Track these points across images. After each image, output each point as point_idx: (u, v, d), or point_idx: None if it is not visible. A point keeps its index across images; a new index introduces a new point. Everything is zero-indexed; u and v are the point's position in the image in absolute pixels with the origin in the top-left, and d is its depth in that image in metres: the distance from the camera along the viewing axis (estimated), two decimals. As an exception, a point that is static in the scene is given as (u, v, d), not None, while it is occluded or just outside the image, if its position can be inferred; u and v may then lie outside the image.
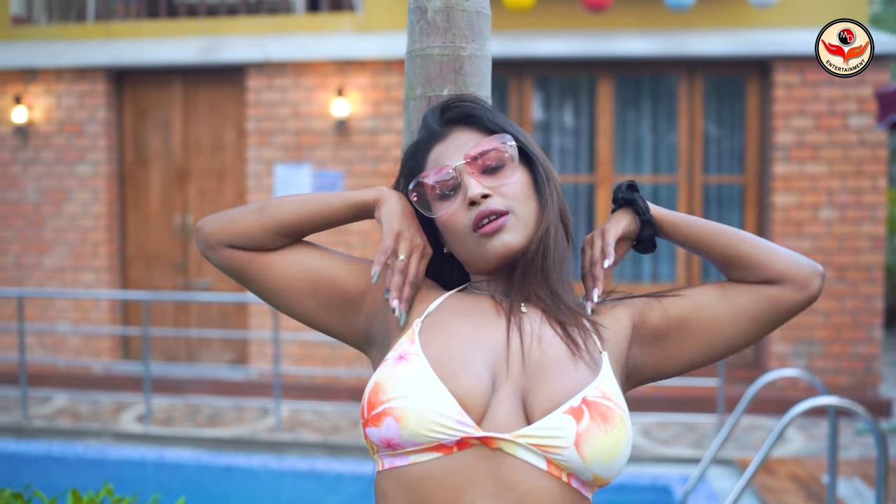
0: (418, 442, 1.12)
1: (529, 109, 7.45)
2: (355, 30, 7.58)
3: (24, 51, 7.99)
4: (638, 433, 6.34)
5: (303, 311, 1.34)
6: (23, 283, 7.95)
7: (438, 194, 1.26)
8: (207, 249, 1.35)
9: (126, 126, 8.08)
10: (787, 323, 5.64)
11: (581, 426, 1.11)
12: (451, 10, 1.33)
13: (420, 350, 1.18)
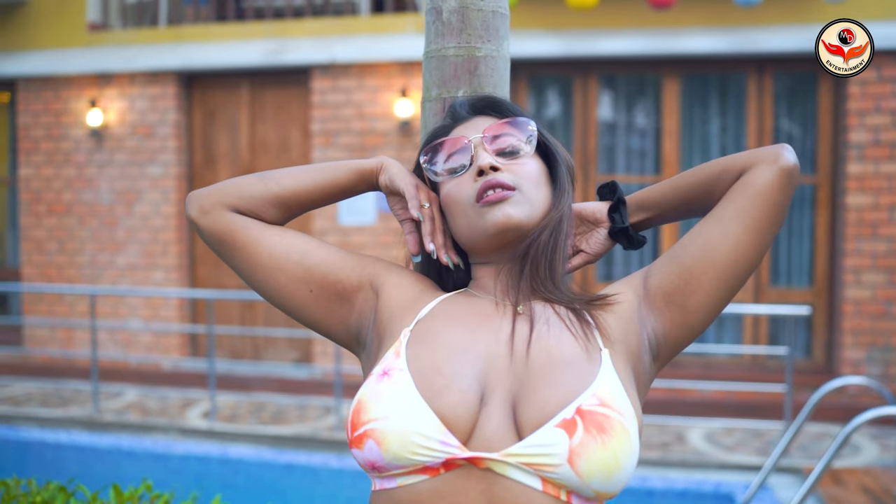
0: (401, 465, 1.06)
1: (594, 109, 7.36)
2: (419, 30, 7.60)
3: (99, 56, 8.22)
4: (702, 439, 6.20)
5: (293, 299, 1.27)
6: (97, 281, 8.19)
7: (448, 169, 1.23)
8: (202, 213, 1.27)
9: (195, 128, 8.25)
10: (858, 325, 5.43)
11: (574, 440, 1.02)
12: (465, 10, 1.31)
13: (405, 365, 1.12)
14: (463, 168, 1.22)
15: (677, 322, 1.20)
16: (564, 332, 1.16)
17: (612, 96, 7.51)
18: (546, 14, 7.24)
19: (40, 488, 2.07)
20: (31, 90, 8.39)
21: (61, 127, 8.33)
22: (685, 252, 1.22)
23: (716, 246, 1.20)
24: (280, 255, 1.26)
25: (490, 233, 1.19)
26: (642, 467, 5.74)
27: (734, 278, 1.20)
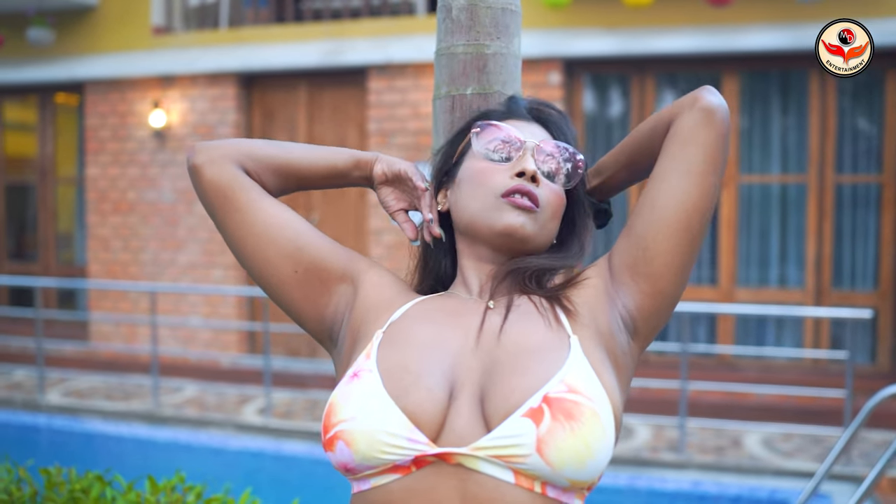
0: (372, 465, 1.06)
1: (652, 108, 7.27)
2: (474, 30, 7.60)
3: (162, 59, 8.42)
4: (758, 444, 6.08)
5: (276, 274, 1.25)
6: (159, 278, 8.38)
7: (489, 150, 1.23)
8: (209, 162, 1.26)
9: (254, 128, 8.38)
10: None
11: (542, 429, 1.00)
12: (475, 8, 1.31)
13: (374, 366, 1.12)
14: (503, 160, 1.22)
15: (647, 292, 1.18)
16: (534, 322, 1.15)
17: (669, 95, 7.40)
18: (602, 12, 7.17)
19: (80, 477, 2.13)
20: (98, 93, 8.63)
21: (126, 128, 8.55)
22: (637, 220, 1.21)
23: (662, 203, 1.18)
24: (275, 227, 1.25)
25: (496, 229, 1.19)
26: (695, 472, 5.65)
27: (688, 230, 1.18)
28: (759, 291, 7.18)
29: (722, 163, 1.19)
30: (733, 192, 7.11)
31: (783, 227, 7.18)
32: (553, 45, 7.16)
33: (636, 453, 5.89)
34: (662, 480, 5.56)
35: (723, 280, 7.17)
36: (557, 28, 7.27)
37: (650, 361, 7.30)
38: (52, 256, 9.36)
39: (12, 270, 9.41)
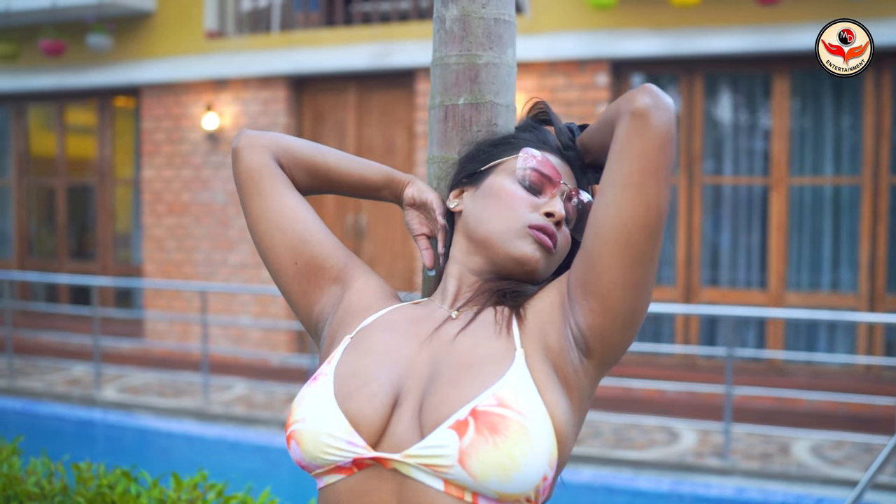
0: (318, 465, 1.11)
1: (700, 108, 7.18)
2: (522, 32, 7.59)
3: (215, 63, 8.58)
4: (807, 451, 5.96)
5: (277, 261, 1.32)
6: (211, 278, 8.55)
7: (521, 177, 1.25)
8: (249, 147, 1.34)
9: (305, 130, 8.49)
10: None
11: (464, 442, 1.03)
12: (467, 18, 1.32)
13: (332, 370, 1.17)
14: (534, 193, 1.24)
15: (597, 310, 1.12)
16: (487, 333, 1.17)
17: (718, 95, 7.30)
18: (649, 13, 7.11)
19: (108, 473, 2.20)
20: (153, 96, 8.84)
21: (180, 131, 8.74)
22: (585, 236, 1.16)
23: (601, 218, 1.11)
24: (287, 216, 1.32)
25: (513, 255, 1.21)
26: (740, 478, 5.57)
27: (630, 245, 1.09)
28: (810, 295, 7.04)
29: (664, 169, 1.09)
30: (784, 195, 6.99)
31: (836, 230, 7.03)
32: (600, 46, 7.12)
33: (680, 458, 5.83)
34: (706, 486, 5.50)
35: (772, 284, 7.05)
36: (604, 29, 7.23)
37: (697, 365, 7.21)
38: (110, 256, 9.61)
39: (73, 269, 9.69)
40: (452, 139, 1.37)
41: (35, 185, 10.18)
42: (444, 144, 1.38)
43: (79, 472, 2.20)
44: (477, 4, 1.32)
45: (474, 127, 1.35)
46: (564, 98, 7.30)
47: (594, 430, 6.50)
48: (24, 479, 2.17)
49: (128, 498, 2.03)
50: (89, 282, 8.00)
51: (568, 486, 5.19)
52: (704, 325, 7.25)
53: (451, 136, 1.36)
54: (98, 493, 2.07)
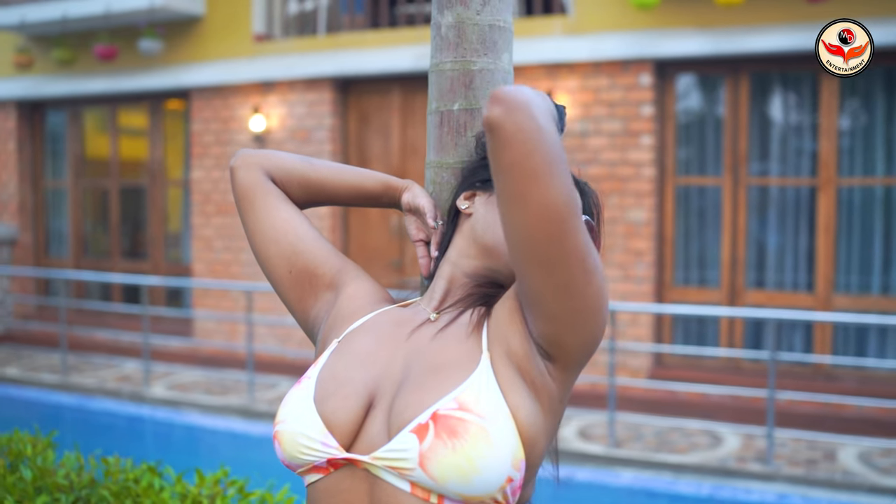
0: (297, 464, 1.15)
1: (746, 109, 7.08)
2: (565, 32, 7.58)
3: (263, 65, 8.71)
4: (854, 458, 5.85)
5: (274, 271, 1.36)
6: (257, 278, 8.67)
7: None
8: (242, 166, 1.39)
9: (350, 132, 8.58)
10: None
11: (424, 445, 1.05)
12: (462, 25, 1.34)
13: (316, 373, 1.20)
14: None
15: (539, 317, 1.10)
16: (458, 336, 1.18)
17: (764, 95, 7.19)
18: (693, 12, 7.04)
19: (135, 468, 2.26)
20: (202, 99, 9.01)
21: (228, 132, 8.89)
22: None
23: (505, 234, 1.09)
24: (280, 228, 1.36)
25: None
26: (783, 484, 5.48)
27: (538, 253, 1.04)
28: (859, 299, 6.89)
29: (544, 168, 1.00)
30: (832, 196, 6.86)
31: (887, 232, 6.87)
32: (643, 46, 7.06)
33: (722, 462, 5.76)
34: (747, 492, 5.43)
35: (820, 286, 6.92)
36: (647, 29, 7.18)
37: (742, 369, 7.12)
38: (161, 255, 9.81)
39: (125, 268, 9.91)
40: (447, 144, 1.38)
41: (90, 186, 10.44)
42: (439, 150, 1.40)
43: (107, 466, 2.27)
44: (471, 11, 1.33)
45: (469, 132, 1.37)
46: (608, 99, 7.26)
47: (635, 432, 6.45)
48: (54, 471, 2.24)
49: (151, 492, 2.08)
50: (140, 281, 8.18)
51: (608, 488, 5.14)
52: (749, 327, 7.15)
53: (447, 141, 1.38)
54: (123, 487, 2.13)
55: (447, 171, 1.38)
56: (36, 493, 2.13)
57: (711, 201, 7.28)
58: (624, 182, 7.22)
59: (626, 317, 7.15)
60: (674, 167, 7.32)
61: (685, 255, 7.39)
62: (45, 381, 8.28)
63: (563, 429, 6.57)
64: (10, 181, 10.53)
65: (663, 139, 7.29)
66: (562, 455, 6.07)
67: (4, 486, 2.15)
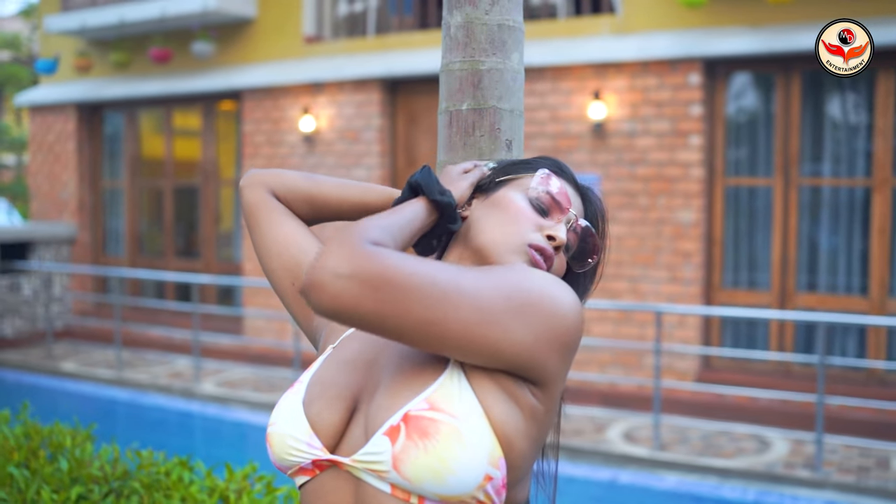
0: (285, 466, 1.17)
1: (797, 108, 6.94)
2: (613, 32, 7.52)
3: (312, 66, 8.81)
4: (907, 465, 5.71)
5: (278, 284, 1.41)
6: (306, 276, 8.77)
7: (532, 197, 1.27)
8: (247, 185, 1.45)
9: (398, 132, 8.63)
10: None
11: (396, 447, 1.06)
12: (470, 25, 1.34)
13: (308, 377, 1.22)
14: (543, 214, 1.27)
15: (477, 362, 1.12)
16: None
17: (816, 94, 7.04)
18: (743, 10, 6.93)
19: (167, 461, 2.31)
20: (253, 100, 9.14)
21: (279, 133, 9.01)
22: None
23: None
24: (282, 243, 1.40)
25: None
26: (832, 491, 5.37)
27: (366, 321, 1.05)
28: (914, 302, 6.72)
29: (400, 289, 1.01)
30: (887, 196, 6.69)
31: (945, 234, 6.69)
32: (692, 45, 6.98)
33: (769, 468, 5.67)
34: (794, 499, 5.33)
35: (874, 290, 6.76)
36: (696, 28, 7.09)
37: (792, 373, 6.98)
38: (213, 254, 9.98)
39: (178, 267, 10.11)
40: (456, 144, 1.39)
41: (145, 186, 10.67)
42: (448, 149, 1.41)
43: (140, 459, 2.33)
44: (480, 11, 1.34)
45: (477, 132, 1.37)
46: (656, 98, 7.18)
47: (681, 436, 6.38)
48: (90, 463, 2.30)
49: (180, 486, 2.13)
50: (191, 279, 8.33)
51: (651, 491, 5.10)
52: (800, 331, 7.01)
53: (455, 141, 1.39)
54: (154, 480, 2.18)
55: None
56: (71, 484, 2.19)
57: (762, 202, 7.16)
58: (672, 182, 7.14)
59: (672, 318, 7.07)
60: (723, 167, 7.22)
61: (734, 257, 7.27)
62: (100, 376, 8.49)
63: (608, 430, 6.53)
64: (70, 181, 10.82)
65: (712, 139, 7.20)
66: (606, 457, 6.05)
67: (42, 477, 2.22)
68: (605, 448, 6.13)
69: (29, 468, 2.31)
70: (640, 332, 7.19)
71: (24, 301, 10.19)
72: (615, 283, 7.31)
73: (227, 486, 2.14)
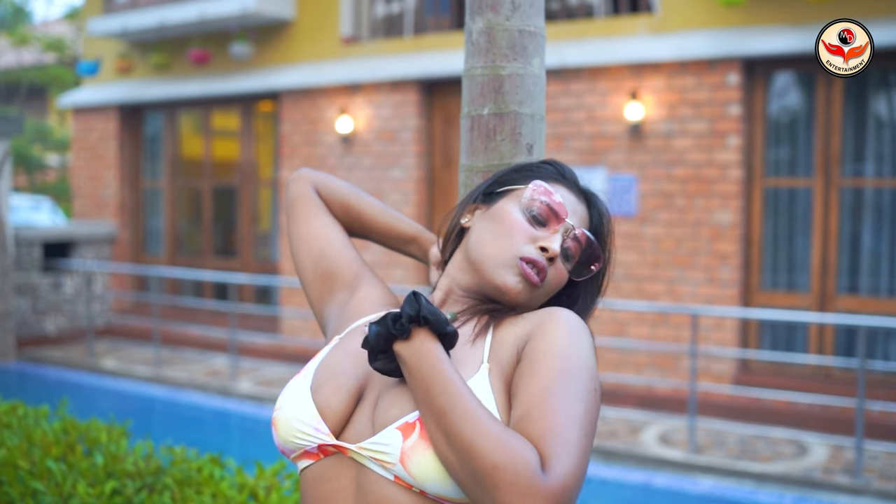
0: (290, 448, 1.20)
1: (839, 107, 6.84)
2: (650, 31, 7.47)
3: (349, 67, 8.87)
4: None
5: (302, 271, 1.50)
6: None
7: (530, 208, 1.28)
8: (296, 179, 1.56)
9: (435, 133, 8.64)
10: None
11: (407, 443, 1.08)
12: (492, 31, 1.35)
13: (315, 365, 1.26)
14: (540, 224, 1.27)
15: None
16: (459, 343, 1.19)
17: (858, 93, 6.93)
18: (783, 8, 6.84)
19: (199, 458, 2.35)
20: (291, 101, 9.22)
21: (316, 134, 9.08)
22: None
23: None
24: (312, 234, 1.50)
25: (494, 282, 1.24)
26: (872, 499, 5.28)
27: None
28: (960, 306, 6.58)
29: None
30: (931, 198, 6.57)
31: None
32: (731, 44, 6.91)
33: (807, 473, 5.59)
34: (832, 504, 5.26)
35: (917, 293, 6.64)
36: (735, 27, 7.01)
37: (832, 377, 6.88)
38: (251, 254, 10.08)
39: (217, 266, 10.23)
40: (477, 148, 1.40)
41: (184, 186, 10.81)
42: (470, 153, 1.42)
43: (173, 456, 2.36)
44: (501, 17, 1.35)
45: (498, 136, 1.38)
46: (694, 98, 7.12)
47: (717, 439, 6.32)
48: (125, 458, 2.34)
49: (211, 482, 2.16)
50: (229, 279, 8.43)
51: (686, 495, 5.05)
52: (841, 334, 6.90)
53: (476, 145, 1.40)
54: (186, 476, 2.22)
55: (477, 174, 1.40)
56: (106, 478, 2.23)
57: (802, 203, 7.07)
58: (710, 183, 7.07)
59: (709, 321, 7.00)
60: (762, 168, 7.13)
61: (773, 259, 7.18)
62: (139, 374, 8.62)
63: (643, 433, 6.48)
64: (111, 181, 11.00)
65: (751, 139, 7.11)
66: (640, 460, 6.00)
67: (78, 471, 2.27)
68: (640, 451, 6.09)
69: (66, 462, 2.36)
70: (677, 334, 7.13)
71: (66, 299, 10.37)
72: (652, 285, 7.26)
73: (257, 483, 2.16)
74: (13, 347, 9.44)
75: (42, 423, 2.81)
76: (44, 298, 10.13)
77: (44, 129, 17.24)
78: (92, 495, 2.11)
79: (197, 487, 2.17)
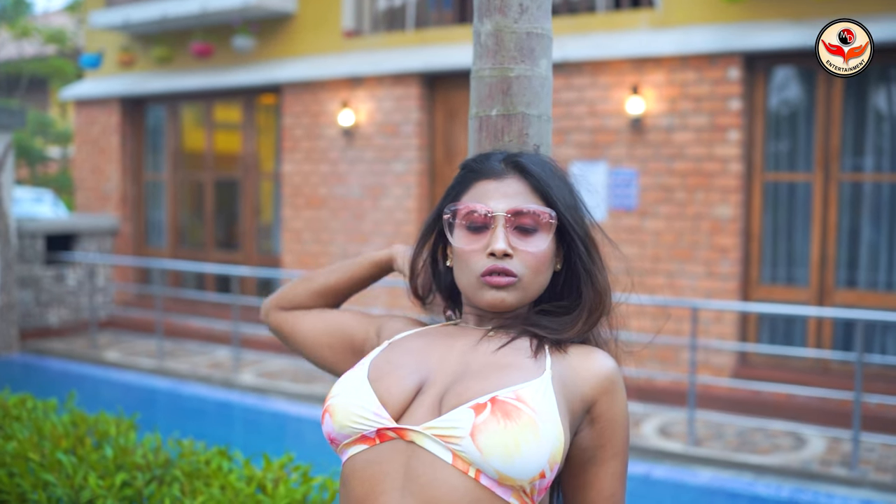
0: (345, 434, 1.22)
1: (839, 103, 6.86)
2: (652, 26, 7.49)
3: (351, 61, 8.89)
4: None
5: (324, 362, 1.58)
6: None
7: (466, 224, 1.33)
8: (266, 316, 1.67)
9: (437, 126, 8.67)
10: None
11: (479, 419, 1.14)
12: (500, 33, 1.38)
13: (369, 361, 1.31)
14: (480, 229, 1.32)
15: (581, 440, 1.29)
16: (523, 353, 1.28)
17: (858, 88, 6.95)
18: (784, 4, 6.86)
19: (207, 450, 2.39)
20: (293, 94, 9.25)
21: (318, 127, 9.10)
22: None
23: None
24: (311, 336, 1.60)
25: (482, 306, 1.34)
26: (868, 490, 5.34)
27: None
28: (958, 300, 6.62)
29: None
30: (931, 193, 6.60)
31: None
32: (732, 39, 6.93)
33: (804, 465, 5.64)
34: (829, 497, 5.30)
35: (916, 287, 6.68)
36: (736, 22, 7.03)
37: (830, 370, 6.92)
38: (253, 246, 10.12)
39: (219, 259, 10.27)
40: (486, 148, 1.44)
41: (186, 178, 10.85)
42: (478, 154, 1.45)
43: (181, 448, 2.40)
44: (509, 19, 1.38)
45: (506, 137, 1.41)
46: (695, 93, 7.15)
47: (716, 431, 6.37)
48: (134, 450, 2.38)
49: (220, 474, 2.20)
50: (231, 271, 8.47)
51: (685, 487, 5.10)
52: (839, 328, 6.95)
53: (485, 146, 1.43)
54: (195, 468, 2.26)
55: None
56: (116, 471, 2.27)
57: (801, 197, 7.10)
58: (710, 178, 7.10)
59: (709, 314, 7.04)
60: (762, 162, 7.16)
61: (773, 253, 7.22)
62: (142, 366, 8.66)
63: (643, 425, 6.53)
64: (113, 174, 11.03)
65: (751, 134, 7.14)
66: (640, 452, 6.05)
67: (89, 463, 2.31)
68: (640, 443, 6.14)
69: (76, 455, 2.40)
70: (677, 327, 7.17)
71: (68, 291, 10.41)
72: (652, 279, 7.30)
73: (265, 475, 2.20)
74: (17, 339, 9.49)
75: (51, 415, 2.85)
76: (47, 291, 10.17)
77: (45, 121, 17.25)
78: (102, 487, 2.15)
79: (205, 480, 2.21)
